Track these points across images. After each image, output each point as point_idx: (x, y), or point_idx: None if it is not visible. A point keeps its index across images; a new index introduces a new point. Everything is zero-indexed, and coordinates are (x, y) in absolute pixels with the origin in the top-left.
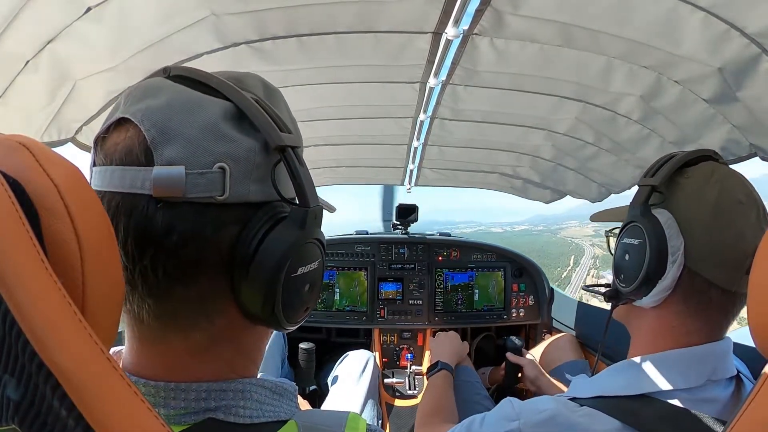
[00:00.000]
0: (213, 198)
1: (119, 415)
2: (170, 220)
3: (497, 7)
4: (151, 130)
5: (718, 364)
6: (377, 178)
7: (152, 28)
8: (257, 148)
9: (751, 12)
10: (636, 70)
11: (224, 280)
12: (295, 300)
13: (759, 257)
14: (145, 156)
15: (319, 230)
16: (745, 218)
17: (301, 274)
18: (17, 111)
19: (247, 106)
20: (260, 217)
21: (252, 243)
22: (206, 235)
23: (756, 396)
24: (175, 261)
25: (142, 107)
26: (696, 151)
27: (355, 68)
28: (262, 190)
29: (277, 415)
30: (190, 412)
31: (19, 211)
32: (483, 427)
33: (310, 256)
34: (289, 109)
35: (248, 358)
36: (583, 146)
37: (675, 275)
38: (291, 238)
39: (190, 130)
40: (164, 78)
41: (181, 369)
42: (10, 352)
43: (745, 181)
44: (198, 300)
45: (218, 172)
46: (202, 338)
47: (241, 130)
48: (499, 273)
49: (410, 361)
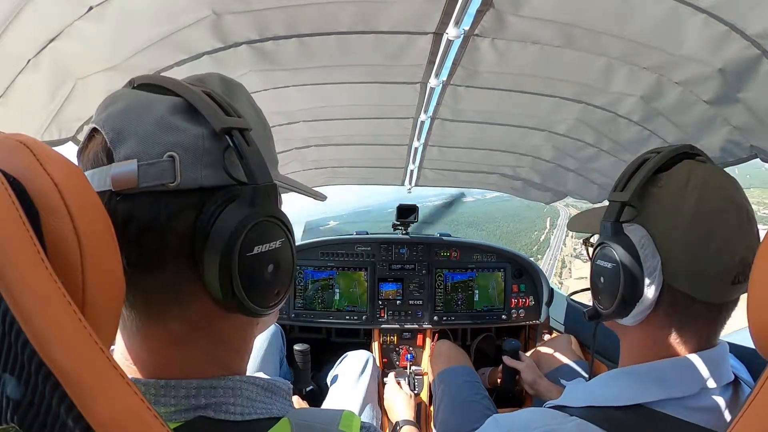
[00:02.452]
0: (165, 185)
1: (119, 414)
2: (129, 211)
3: (498, 7)
4: (110, 133)
5: (712, 371)
6: (378, 178)
7: (153, 27)
8: (205, 134)
9: (752, 14)
10: (636, 71)
11: (189, 266)
12: (258, 281)
13: (759, 257)
14: (106, 156)
15: (276, 208)
16: (726, 227)
17: (259, 253)
18: (18, 110)
19: (194, 98)
20: (214, 200)
21: (207, 226)
22: (162, 221)
23: (755, 397)
24: (138, 249)
25: (104, 115)
26: (670, 150)
27: (355, 68)
28: (214, 174)
29: (269, 412)
30: (180, 410)
31: (20, 210)
32: None
33: (268, 234)
34: (251, 100)
35: (232, 351)
36: (584, 147)
37: (654, 295)
38: (240, 216)
39: (142, 127)
40: (129, 88)
41: (165, 362)
42: (10, 351)
43: (725, 183)
44: (166, 287)
45: (168, 160)
46: (180, 327)
47: (190, 120)
48: (499, 273)
49: (410, 362)
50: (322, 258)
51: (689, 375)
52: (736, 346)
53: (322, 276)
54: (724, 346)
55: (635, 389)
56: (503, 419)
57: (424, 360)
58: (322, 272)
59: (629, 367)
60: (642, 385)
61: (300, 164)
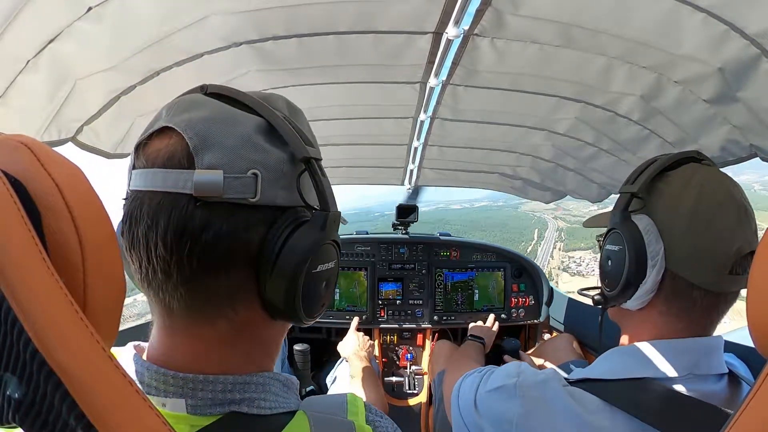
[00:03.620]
0: (246, 200)
1: (120, 412)
2: (207, 218)
3: (498, 7)
4: (193, 138)
5: (701, 358)
6: (377, 178)
7: (153, 27)
8: (285, 159)
9: (751, 13)
10: (636, 71)
11: (250, 275)
12: (314, 295)
13: (758, 257)
14: (187, 160)
15: (336, 233)
16: (725, 220)
17: (320, 271)
18: (18, 110)
19: (277, 123)
20: (285, 219)
21: (278, 242)
22: (238, 232)
23: (756, 395)
24: (210, 254)
25: (185, 118)
26: (679, 153)
27: (355, 68)
28: (288, 195)
29: (288, 406)
30: (216, 403)
31: (21, 210)
32: (490, 378)
33: (328, 255)
34: (309, 127)
35: (265, 352)
36: (583, 146)
37: (656, 278)
38: (313, 238)
39: (228, 140)
40: (202, 94)
41: (207, 358)
42: (12, 351)
43: (727, 182)
44: (226, 291)
45: (251, 177)
46: (227, 329)
47: (272, 142)
48: (499, 273)
49: (410, 361)
50: None
51: (677, 357)
52: (735, 345)
53: None
54: (719, 338)
55: (624, 365)
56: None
57: (424, 360)
58: None
59: (622, 347)
60: (631, 362)
61: None
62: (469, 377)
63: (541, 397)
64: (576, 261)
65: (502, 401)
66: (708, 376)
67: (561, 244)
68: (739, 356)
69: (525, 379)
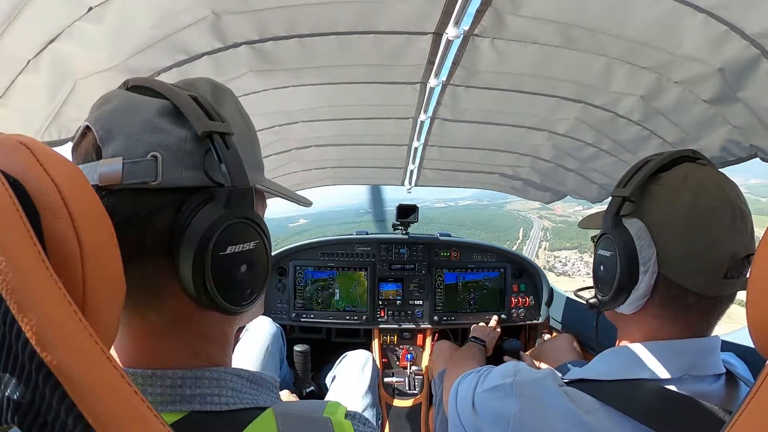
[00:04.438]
0: (147, 184)
1: (119, 414)
2: (112, 206)
3: (498, 7)
4: (100, 131)
5: (698, 359)
6: (377, 178)
7: (152, 28)
8: (188, 137)
9: (751, 13)
10: (636, 71)
11: (167, 263)
12: (231, 279)
13: (758, 258)
14: (95, 153)
15: (250, 210)
16: (720, 224)
17: (232, 253)
18: (18, 111)
19: (179, 101)
20: (193, 200)
21: (184, 224)
22: (142, 217)
23: (755, 394)
24: (121, 243)
25: (96, 114)
26: (673, 152)
27: (355, 68)
28: (195, 175)
29: (255, 402)
30: (167, 401)
31: (20, 210)
32: (487, 377)
33: (242, 235)
34: (238, 105)
35: (213, 345)
36: (583, 147)
37: (649, 284)
38: (213, 217)
39: (130, 127)
40: (123, 89)
41: (149, 353)
42: (10, 352)
43: (722, 183)
44: (144, 280)
45: (151, 160)
46: (158, 320)
47: (175, 122)
48: (499, 273)
49: (410, 362)
50: (322, 258)
51: (672, 359)
52: (736, 345)
53: (322, 276)
54: (716, 339)
55: (619, 366)
56: (522, 364)
57: (424, 360)
58: (322, 272)
59: (618, 348)
60: (627, 363)
61: (300, 164)
62: (466, 378)
63: (537, 395)
64: (561, 261)
65: (498, 399)
66: (705, 377)
67: (546, 243)
68: (739, 356)
69: (522, 378)
